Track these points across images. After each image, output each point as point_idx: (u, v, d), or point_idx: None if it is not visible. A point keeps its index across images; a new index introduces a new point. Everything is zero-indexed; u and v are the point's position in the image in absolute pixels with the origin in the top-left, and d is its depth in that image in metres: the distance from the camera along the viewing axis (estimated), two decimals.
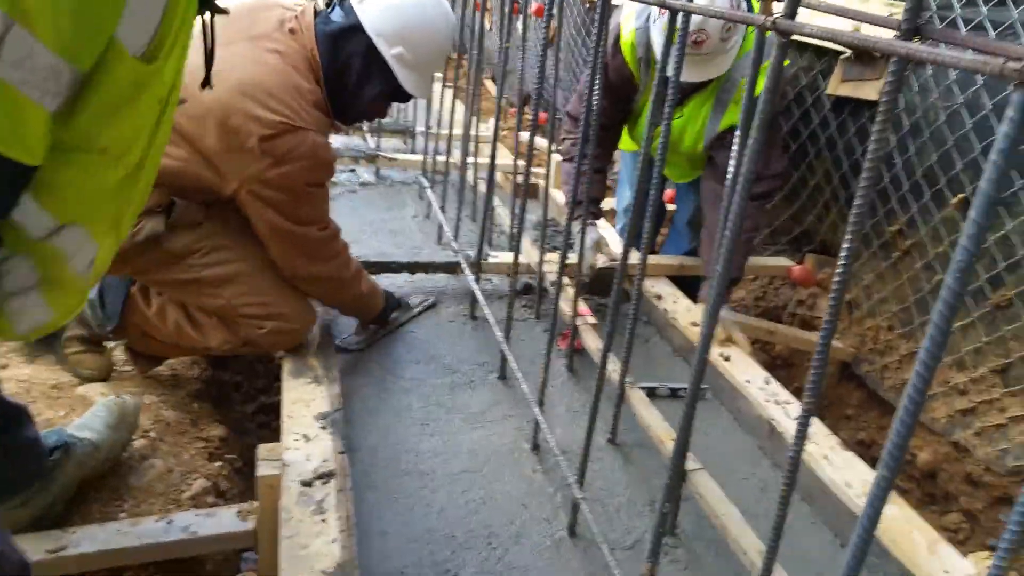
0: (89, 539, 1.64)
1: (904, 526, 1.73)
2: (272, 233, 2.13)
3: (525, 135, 2.26)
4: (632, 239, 1.78)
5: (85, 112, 0.89)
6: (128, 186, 1.06)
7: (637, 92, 2.80)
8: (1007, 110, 0.66)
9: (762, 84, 1.08)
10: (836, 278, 1.07)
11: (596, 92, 1.76)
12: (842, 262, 1.04)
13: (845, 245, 1.02)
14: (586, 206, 2.28)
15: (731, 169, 1.24)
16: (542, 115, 4.83)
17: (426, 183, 3.87)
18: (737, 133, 1.23)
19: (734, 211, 1.14)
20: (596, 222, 3.02)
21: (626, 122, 2.97)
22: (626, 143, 3.17)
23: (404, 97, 2.27)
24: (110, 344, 2.34)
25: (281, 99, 2.00)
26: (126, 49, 0.89)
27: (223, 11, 1.31)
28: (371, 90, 2.20)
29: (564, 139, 3.13)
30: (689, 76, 2.49)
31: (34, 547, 1.57)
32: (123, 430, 1.89)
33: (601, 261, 2.90)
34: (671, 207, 3.75)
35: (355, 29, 2.13)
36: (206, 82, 1.33)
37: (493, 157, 2.67)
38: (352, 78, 2.16)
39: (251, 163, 1.99)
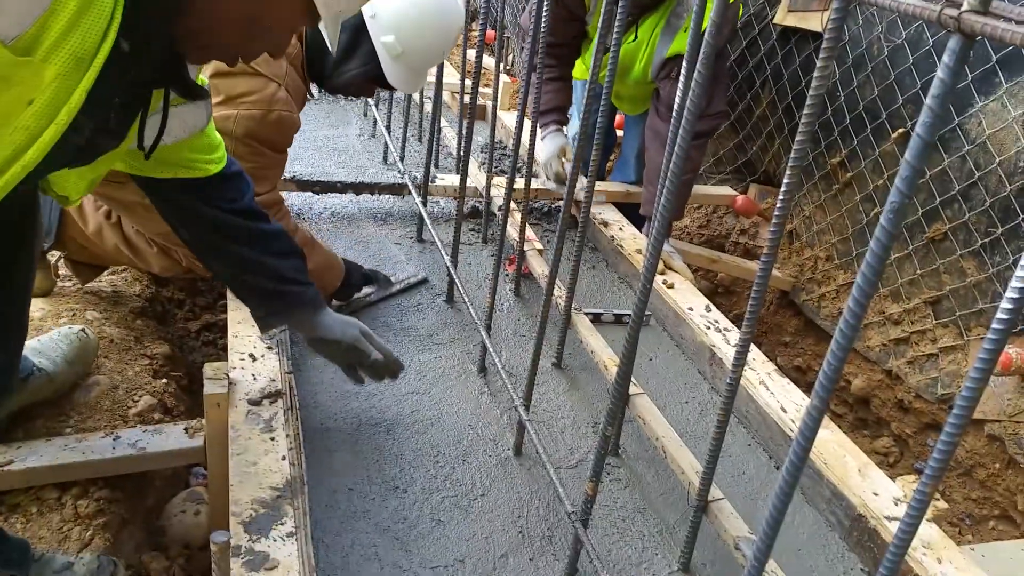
0: (36, 454, 1.64)
1: (837, 450, 1.82)
2: None
3: (472, 53, 2.23)
4: (579, 166, 1.79)
5: None
6: None
7: (588, 12, 2.76)
8: (943, 56, 0.68)
9: (709, 16, 1.08)
10: (777, 210, 1.10)
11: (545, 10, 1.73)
12: (783, 194, 1.07)
13: (786, 177, 1.06)
14: (537, 113, 2.15)
15: (676, 103, 1.25)
16: (490, 33, 4.74)
17: (371, 100, 3.79)
18: (683, 65, 1.24)
19: (677, 152, 1.16)
20: (562, 128, 3.01)
21: (579, 40, 2.93)
22: (578, 70, 3.15)
23: (388, 85, 2.09)
24: (51, 257, 2.28)
25: None
26: None
27: (196, 95, 1.22)
28: (351, 68, 2.04)
29: (523, 48, 3.12)
30: None
31: None
32: (79, 366, 1.87)
33: (568, 168, 2.92)
34: (621, 133, 3.76)
35: None
36: (151, 149, 1.24)
37: (440, 75, 2.63)
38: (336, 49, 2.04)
39: None
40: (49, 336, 1.86)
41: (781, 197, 1.07)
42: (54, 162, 1.03)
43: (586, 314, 2.28)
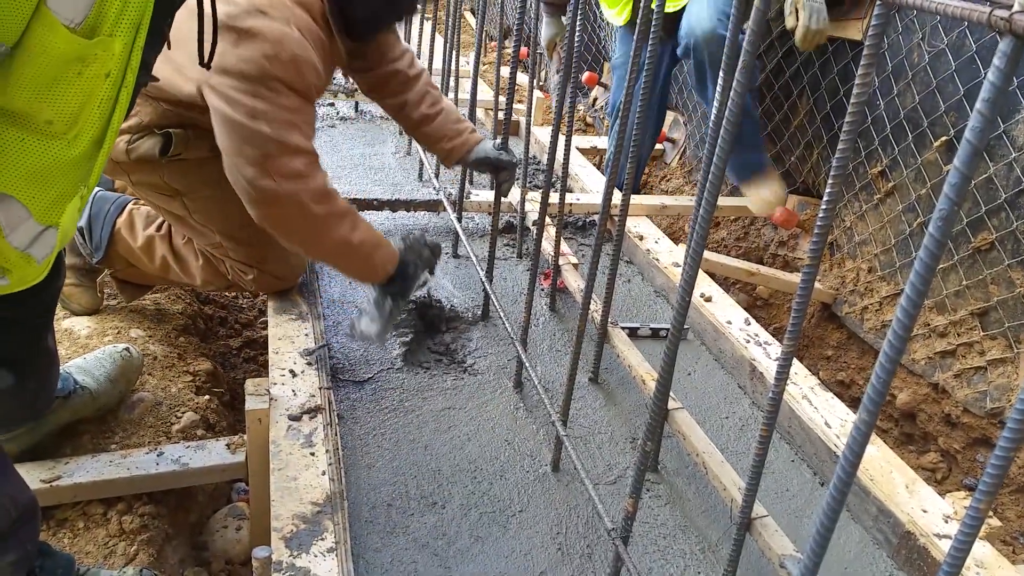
0: (83, 470, 1.67)
1: (883, 466, 1.78)
2: (222, 128, 1.77)
3: (506, 70, 2.23)
4: (614, 180, 1.76)
5: (20, 83, 0.90)
6: (84, 164, 1.05)
7: None
8: (994, 59, 0.67)
9: None
10: (819, 220, 1.08)
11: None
12: (825, 204, 1.06)
13: (828, 189, 1.04)
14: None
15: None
16: (523, 50, 4.76)
17: None
18: None
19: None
20: (557, 17, 3.48)
21: None
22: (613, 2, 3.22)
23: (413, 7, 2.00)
24: (99, 277, 2.33)
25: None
26: (58, 20, 0.88)
27: None
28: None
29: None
30: None
31: (29, 476, 1.60)
32: (122, 384, 1.90)
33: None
34: (659, 146, 3.75)
35: None
36: (208, 61, 1.30)
37: (474, 92, 2.64)
38: None
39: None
40: (94, 355, 1.89)
41: (823, 208, 1.05)
42: (131, 108, 1.14)
43: (622, 328, 2.26)
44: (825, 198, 1.05)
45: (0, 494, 1.26)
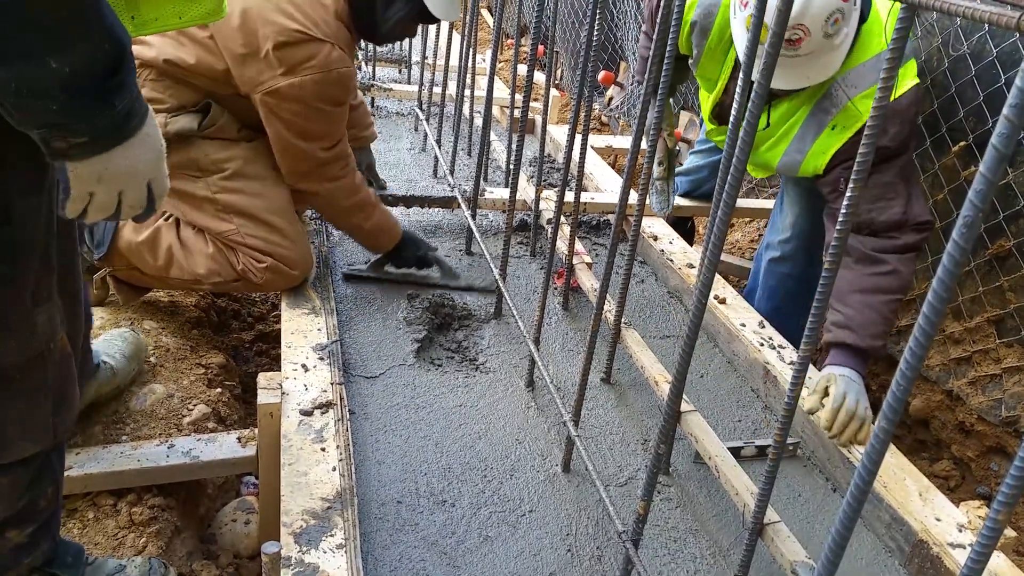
0: (94, 460, 1.67)
1: (896, 473, 1.77)
2: (277, 143, 2.16)
3: (523, 68, 2.23)
4: (630, 183, 1.75)
5: None
6: None
7: (692, 60, 2.46)
8: (1023, 63, 0.66)
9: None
10: (839, 226, 1.07)
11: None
12: (845, 207, 1.04)
13: (848, 192, 1.03)
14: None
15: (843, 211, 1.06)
16: (540, 48, 4.75)
17: (422, 115, 3.82)
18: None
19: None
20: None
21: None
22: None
23: (431, 19, 2.27)
24: (96, 274, 2.29)
25: (300, 6, 2.03)
26: None
27: None
28: (396, 12, 2.19)
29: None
30: (779, 82, 2.05)
31: None
32: (135, 362, 1.93)
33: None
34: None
35: None
36: None
37: (490, 90, 2.64)
38: None
39: (264, 71, 2.02)
40: (103, 337, 1.93)
41: (843, 212, 1.04)
42: None
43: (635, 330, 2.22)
44: (845, 202, 1.04)
45: (57, 484, 1.32)
